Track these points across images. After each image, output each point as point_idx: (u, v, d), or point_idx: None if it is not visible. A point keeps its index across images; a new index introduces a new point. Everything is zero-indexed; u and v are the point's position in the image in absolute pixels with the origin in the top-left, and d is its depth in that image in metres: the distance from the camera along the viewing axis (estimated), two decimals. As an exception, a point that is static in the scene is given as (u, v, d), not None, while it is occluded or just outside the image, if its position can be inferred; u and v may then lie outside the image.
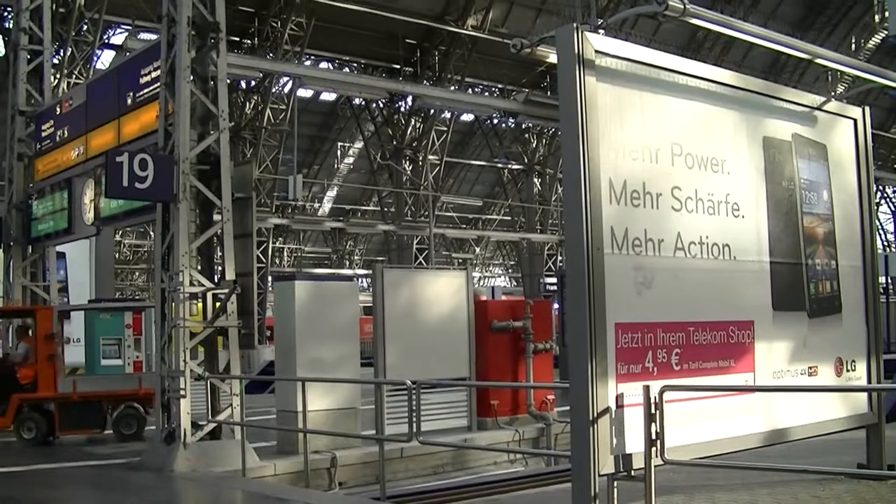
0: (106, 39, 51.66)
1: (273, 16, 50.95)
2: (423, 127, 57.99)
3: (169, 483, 16.10)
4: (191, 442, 16.93)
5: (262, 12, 51.07)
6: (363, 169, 74.89)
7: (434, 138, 58.52)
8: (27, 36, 24.98)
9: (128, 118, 19.72)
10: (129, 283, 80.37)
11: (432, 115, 57.98)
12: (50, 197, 23.66)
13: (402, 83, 54.98)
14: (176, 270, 17.11)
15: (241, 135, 49.68)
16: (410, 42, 57.66)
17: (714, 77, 10.16)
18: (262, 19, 51.46)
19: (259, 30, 51.45)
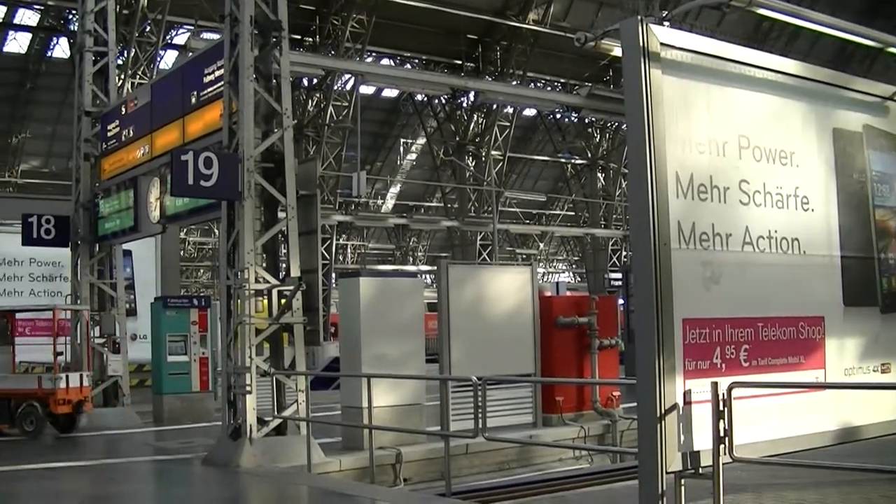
0: (169, 40, 52.06)
1: (334, 13, 51.04)
2: (486, 122, 57.85)
3: (235, 478, 16.20)
4: (256, 438, 17.02)
5: (324, 10, 51.16)
6: (426, 165, 74.88)
7: (497, 134, 58.36)
8: (92, 38, 25.15)
9: (192, 117, 19.83)
10: (193, 280, 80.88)
11: (495, 111, 57.81)
12: (116, 196, 23.85)
13: (464, 79, 54.92)
14: (241, 267, 17.18)
15: (303, 132, 49.82)
16: (471, 37, 57.56)
17: (782, 68, 10.01)
18: (323, 17, 51.56)
19: (320, 27, 51.56)
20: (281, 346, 18.10)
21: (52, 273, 30.62)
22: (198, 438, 20.69)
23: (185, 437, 21.38)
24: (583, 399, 21.96)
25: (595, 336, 22.07)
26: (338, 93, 52.47)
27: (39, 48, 63.89)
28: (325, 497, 14.90)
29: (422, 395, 19.42)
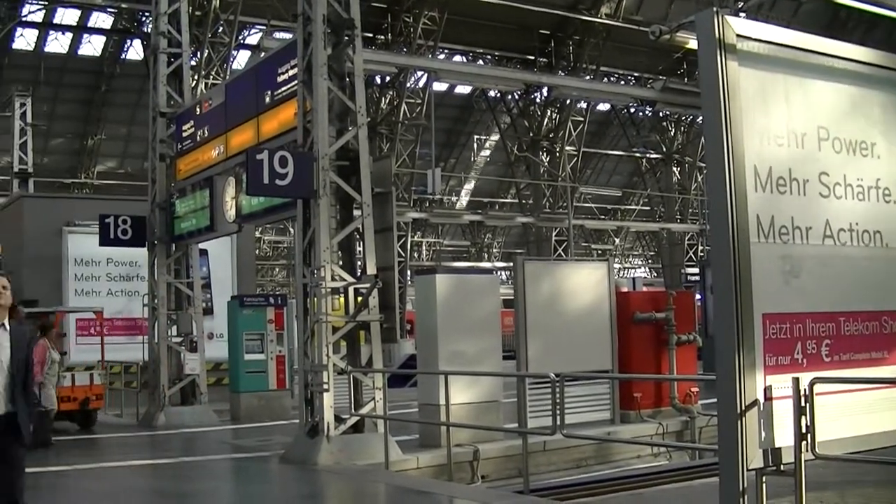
0: (241, 40, 52.44)
1: (406, 10, 51.12)
2: (559, 118, 57.66)
3: (312, 476, 16.24)
4: (334, 435, 17.05)
5: (395, 7, 51.25)
6: (500, 161, 74.78)
7: (570, 129, 58.15)
8: (166, 39, 25.34)
9: (266, 116, 19.92)
10: (269, 279, 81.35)
11: (568, 106, 57.59)
12: (192, 196, 24.01)
13: (537, 74, 54.75)
14: (317, 266, 17.22)
15: (377, 130, 49.93)
16: (544, 33, 57.42)
17: (861, 57, 9.83)
18: (394, 15, 51.65)
19: (392, 25, 51.66)
20: (358, 344, 18.13)
21: (128, 273, 30.94)
22: (275, 436, 20.80)
23: (263, 434, 21.49)
24: (661, 395, 21.82)
25: (672, 332, 21.92)
26: (411, 90, 52.52)
27: (114, 51, 64.60)
28: (402, 495, 14.89)
29: (499, 392, 19.39)
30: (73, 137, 71.02)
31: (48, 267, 30.41)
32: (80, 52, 64.78)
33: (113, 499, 15.13)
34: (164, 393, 24.07)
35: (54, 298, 30.22)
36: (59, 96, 65.75)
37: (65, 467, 18.06)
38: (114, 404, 26.23)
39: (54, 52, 63.34)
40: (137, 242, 25.30)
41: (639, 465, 19.69)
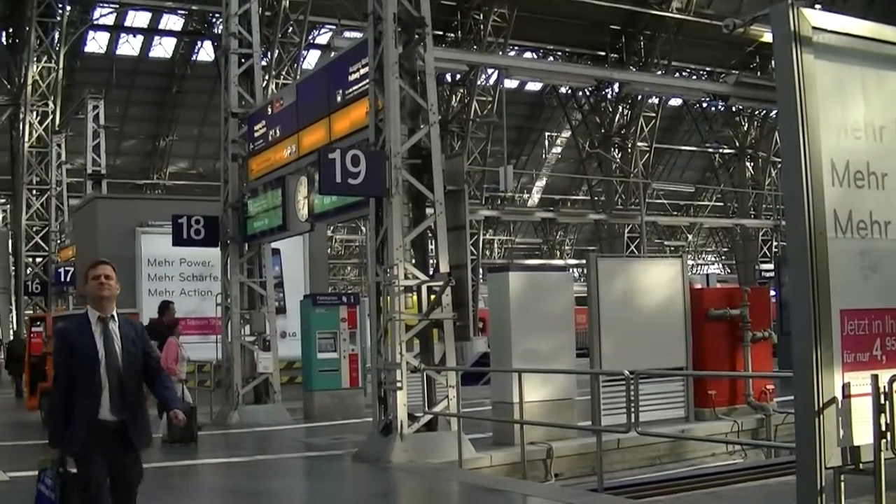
0: (311, 40, 52.71)
1: (475, 8, 51.21)
2: (631, 113, 57.47)
3: (385, 474, 16.24)
4: (407, 433, 17.02)
5: (465, 5, 51.36)
6: (571, 158, 74.64)
7: (642, 124, 57.93)
8: (237, 40, 25.41)
9: (338, 115, 19.94)
10: (340, 277, 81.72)
11: (640, 101, 57.38)
12: (264, 195, 24.08)
13: (608, 70, 54.59)
14: (390, 264, 17.22)
15: (448, 128, 50.01)
16: (615, 28, 57.24)
17: (941, 49, 9.65)
18: (464, 12, 51.73)
19: (462, 23, 51.74)
20: (431, 342, 18.10)
21: (201, 273, 31.10)
22: (348, 435, 20.82)
23: (336, 433, 21.53)
24: (736, 393, 21.58)
25: (747, 328, 21.68)
26: (481, 88, 52.58)
27: (184, 52, 65.29)
28: (476, 493, 14.86)
29: (573, 390, 19.30)
30: (145, 139, 71.86)
31: (122, 268, 30.07)
32: (152, 55, 65.55)
33: (186, 497, 15.23)
34: (237, 392, 24.19)
35: (128, 299, 30.41)
36: (130, 98, 66.54)
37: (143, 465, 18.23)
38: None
39: (126, 55, 64.12)
40: (210, 242, 25.41)
41: (714, 463, 19.52)
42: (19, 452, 20.58)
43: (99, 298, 8.36)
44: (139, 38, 64.09)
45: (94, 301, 8.38)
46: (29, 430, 26.17)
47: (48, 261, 48.73)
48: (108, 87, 53.03)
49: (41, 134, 49.02)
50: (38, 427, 26.07)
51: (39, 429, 25.96)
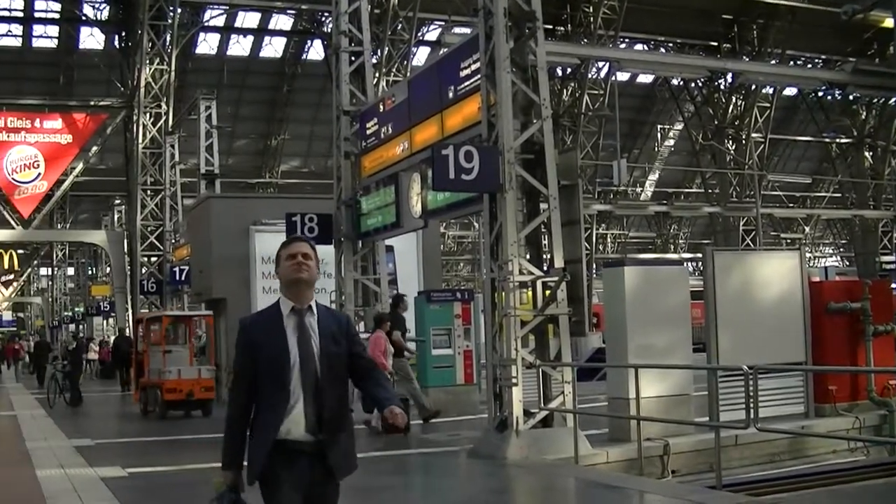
0: (420, 36, 52.79)
1: (585, 1, 50.90)
2: (745, 104, 56.71)
3: (501, 470, 16.19)
4: (523, 430, 16.95)
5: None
6: (684, 150, 74.05)
7: (756, 115, 57.13)
8: (347, 38, 25.55)
9: (450, 111, 19.94)
10: (453, 273, 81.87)
11: (753, 92, 56.60)
12: (377, 192, 24.15)
13: (721, 60, 53.99)
14: (505, 260, 17.15)
15: (560, 122, 49.82)
16: (727, 17, 56.57)
17: None
18: (574, 5, 51.56)
19: (572, 16, 51.52)
20: (546, 338, 18.00)
21: (315, 270, 31.25)
22: (463, 431, 20.81)
23: (451, 429, 21.51)
24: (857, 388, 21.13)
25: (869, 322, 21.22)
26: (592, 81, 52.29)
27: (294, 51, 65.95)
28: (592, 489, 14.75)
29: (689, 385, 19.05)
30: (256, 138, 72.73)
31: (236, 266, 30.94)
32: (262, 55, 66.35)
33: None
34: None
35: (242, 297, 30.81)
36: (242, 98, 67.41)
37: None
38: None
39: (236, 56, 65.01)
40: (324, 240, 25.49)
41: (835, 460, 19.16)
42: (136, 448, 20.98)
43: (294, 283, 6.50)
44: (249, 38, 64.89)
45: (287, 287, 6.55)
46: (138, 424, 26.71)
47: (163, 260, 49.46)
48: (219, 88, 53.62)
49: (155, 135, 49.75)
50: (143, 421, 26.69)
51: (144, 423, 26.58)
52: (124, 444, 21.74)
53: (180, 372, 27.51)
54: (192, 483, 15.62)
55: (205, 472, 16.36)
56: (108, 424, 27.47)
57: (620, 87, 60.01)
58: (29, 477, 15.96)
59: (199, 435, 23.96)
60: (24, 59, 63.55)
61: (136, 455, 19.11)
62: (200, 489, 14.89)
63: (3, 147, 50.77)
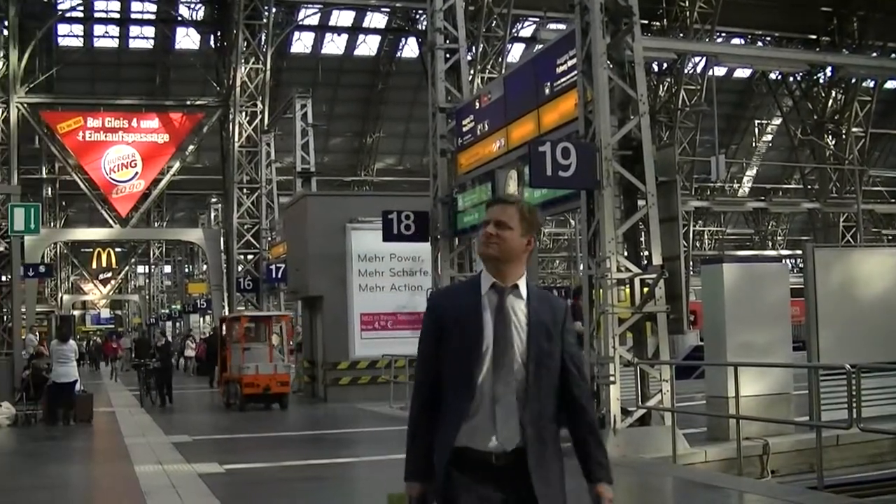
0: (515, 33, 52.72)
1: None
2: (845, 98, 55.81)
3: (599, 469, 16.07)
4: (620, 428, 16.93)
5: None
6: (782, 146, 73.22)
7: (857, 109, 56.18)
8: (442, 35, 25.55)
9: (546, 108, 19.88)
10: (549, 271, 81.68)
11: (854, 85, 55.67)
12: (473, 190, 24.14)
13: (821, 54, 53.13)
14: (603, 257, 17.09)
15: (656, 118, 49.42)
16: (826, 9, 55.78)
17: None
18: (669, 0, 51.10)
19: (667, 10, 51.12)
20: (644, 336, 17.91)
21: (412, 268, 31.31)
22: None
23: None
24: (965, 386, 20.73)
25: (980, 318, 20.80)
26: (688, 76, 51.86)
27: (389, 49, 66.09)
28: (691, 488, 14.63)
29: (789, 384, 18.83)
30: (351, 136, 73.14)
31: (333, 263, 31.11)
32: (356, 53, 66.62)
33: (398, 489, 15.28)
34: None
35: (339, 294, 31.01)
36: (336, 97, 67.78)
37: (354, 459, 18.60)
38: (399, 398, 26.68)
39: (331, 54, 65.38)
40: (420, 237, 25.59)
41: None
42: (233, 445, 21.19)
43: (483, 259, 5.11)
44: (344, 36, 65.26)
45: (485, 261, 5.10)
46: (235, 420, 26.98)
47: (259, 258, 49.85)
48: (314, 86, 53.93)
49: (250, 134, 50.18)
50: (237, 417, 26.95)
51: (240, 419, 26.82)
52: (222, 440, 21.96)
53: (258, 368, 29.13)
54: (289, 480, 15.79)
55: (301, 469, 16.60)
56: (204, 420, 27.78)
57: (717, 82, 59.51)
58: (127, 472, 16.21)
59: (295, 432, 24.24)
60: (122, 60, 64.58)
61: (233, 451, 19.32)
62: (297, 486, 15.05)
63: (102, 147, 51.51)
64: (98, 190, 53.25)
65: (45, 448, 21.29)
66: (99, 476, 17.59)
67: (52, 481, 16.12)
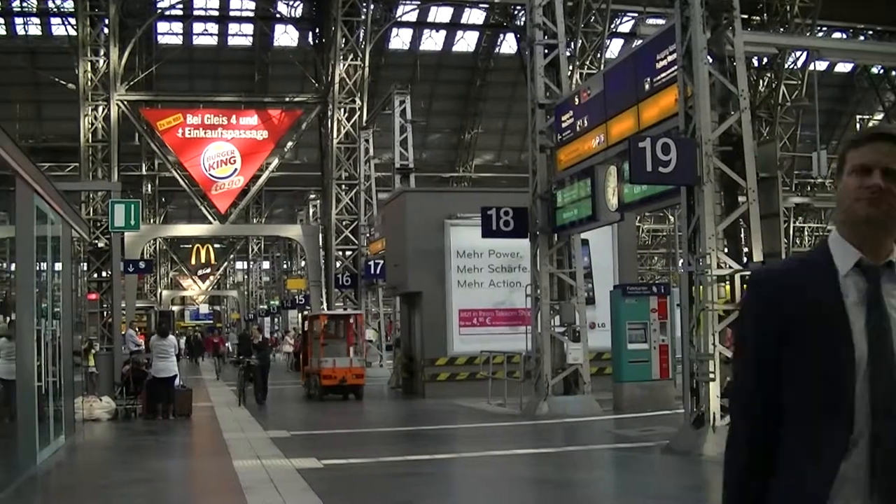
0: (613, 28, 52.48)
1: (780, -11, 49.94)
2: (949, 92, 54.95)
3: (697, 467, 16.05)
4: (719, 426, 16.73)
5: (769, -14, 50.16)
6: (885, 142, 72.03)
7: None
8: (541, 31, 25.50)
9: (646, 103, 19.76)
10: (648, 267, 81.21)
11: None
12: (572, 186, 24.07)
13: (925, 48, 52.32)
14: (703, 253, 16.97)
15: (756, 113, 48.87)
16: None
17: None
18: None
19: (768, 4, 50.49)
20: (743, 333, 17.71)
21: (510, 264, 31.31)
22: (658, 426, 20.65)
23: (645, 425, 21.37)
24: None
25: None
26: (789, 71, 51.23)
27: (487, 45, 66.04)
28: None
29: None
30: (450, 133, 73.20)
31: (431, 259, 31.19)
32: (454, 49, 66.60)
33: (495, 486, 15.38)
34: (547, 382, 24.27)
35: (437, 290, 31.07)
36: (435, 93, 67.93)
37: (452, 455, 18.64)
38: (497, 394, 26.72)
39: (429, 50, 65.42)
40: (519, 234, 25.57)
41: None
42: (331, 440, 21.34)
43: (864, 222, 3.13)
44: (442, 33, 65.38)
45: (846, 225, 3.21)
46: (329, 415, 27.13)
47: (357, 254, 50.02)
48: (412, 83, 54.07)
49: (349, 130, 50.35)
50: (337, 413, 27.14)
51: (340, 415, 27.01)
52: (320, 436, 22.10)
53: (335, 361, 31.61)
54: (386, 475, 15.87)
55: (398, 465, 16.68)
56: (303, 416, 27.98)
57: (818, 77, 58.74)
58: (226, 467, 16.42)
59: (393, 428, 24.36)
60: (220, 58, 65.33)
61: (331, 447, 19.44)
62: (394, 481, 15.12)
63: (201, 143, 52.09)
64: (197, 186, 53.82)
65: (145, 442, 21.64)
66: (198, 470, 17.85)
67: (150, 475, 16.33)
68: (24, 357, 15.59)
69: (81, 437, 21.48)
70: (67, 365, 20.13)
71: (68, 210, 19.95)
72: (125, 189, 48.59)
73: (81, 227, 22.83)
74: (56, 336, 18.38)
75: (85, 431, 22.44)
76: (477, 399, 27.31)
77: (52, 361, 17.91)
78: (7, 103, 55.77)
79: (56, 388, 18.26)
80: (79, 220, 22.96)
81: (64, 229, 19.46)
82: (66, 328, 19.85)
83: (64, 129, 58.75)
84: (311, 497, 13.39)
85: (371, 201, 50.23)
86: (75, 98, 47.58)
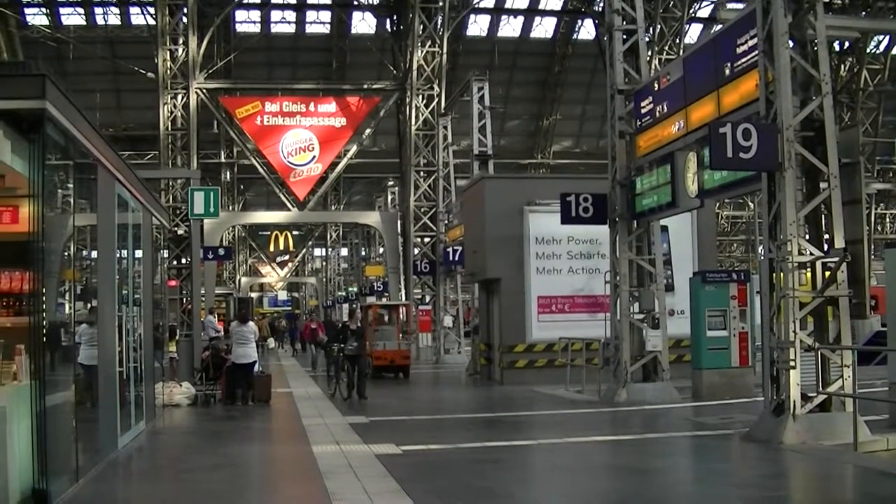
0: (692, 13, 52.15)
1: (864, -28, 49.27)
2: None
3: (776, 455, 15.91)
4: (800, 414, 16.67)
5: (855, -31, 49.49)
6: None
7: None
8: (620, 17, 25.44)
9: (727, 89, 19.63)
10: (727, 254, 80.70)
11: None
12: (651, 172, 23.96)
13: None
14: (784, 240, 16.86)
15: (837, 98, 48.30)
16: None
17: None
18: (854, -23, 49.90)
19: (851, -12, 49.90)
20: (825, 320, 17.61)
21: (589, 251, 31.26)
22: (737, 414, 20.59)
23: (724, 412, 21.29)
24: None
25: None
26: (871, 55, 50.59)
27: (565, 31, 65.91)
28: (873, 477, 14.36)
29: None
30: (528, 119, 73.21)
31: (510, 246, 31.21)
32: (533, 35, 66.58)
33: (574, 473, 15.38)
34: (626, 370, 24.26)
35: (516, 277, 31.11)
36: (513, 79, 67.99)
37: (530, 441, 18.70)
38: (575, 381, 26.72)
39: (507, 37, 65.47)
40: (599, 220, 25.56)
41: None
42: (410, 426, 21.47)
43: None
44: (520, 19, 65.37)
45: None
46: (409, 402, 27.29)
47: (436, 240, 50.13)
48: (490, 69, 54.08)
49: (427, 117, 50.46)
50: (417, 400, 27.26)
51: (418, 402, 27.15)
52: (398, 421, 22.19)
53: (385, 345, 36.19)
54: (465, 461, 15.95)
55: (477, 451, 16.77)
56: (382, 403, 27.87)
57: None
58: (305, 452, 16.63)
59: (471, 414, 24.47)
60: (299, 45, 65.80)
61: (410, 432, 19.51)
62: (473, 468, 15.20)
63: (280, 131, 52.39)
64: (276, 173, 54.23)
65: (224, 427, 21.89)
66: (277, 456, 17.99)
67: (230, 460, 16.52)
68: (106, 343, 15.81)
69: (162, 423, 21.78)
70: (148, 351, 20.42)
71: (149, 198, 20.19)
72: (204, 177, 49.20)
73: (162, 215, 23.08)
74: (137, 322, 18.65)
75: (165, 417, 22.74)
76: (555, 386, 27.38)
77: (133, 348, 18.18)
78: (88, 92, 56.26)
79: (137, 373, 18.53)
80: (159, 207, 23.22)
81: (144, 217, 19.70)
82: (146, 315, 20.13)
83: (143, 117, 59.35)
84: (389, 483, 13.48)
85: (449, 188, 50.31)
86: (154, 87, 48.07)
